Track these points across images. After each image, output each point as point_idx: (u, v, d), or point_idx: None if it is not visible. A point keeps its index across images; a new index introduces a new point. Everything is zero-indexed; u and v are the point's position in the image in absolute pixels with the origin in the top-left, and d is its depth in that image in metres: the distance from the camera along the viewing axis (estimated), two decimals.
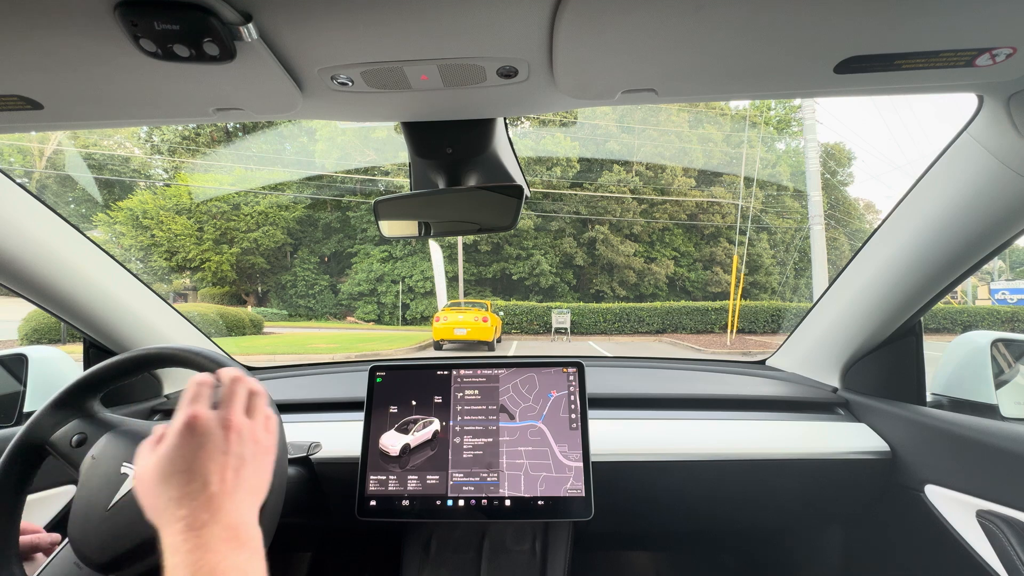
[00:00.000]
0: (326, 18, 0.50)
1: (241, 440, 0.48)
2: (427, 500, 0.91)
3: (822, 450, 1.01)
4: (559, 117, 19.60)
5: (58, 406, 0.66)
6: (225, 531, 0.41)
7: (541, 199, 20.55)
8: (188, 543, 0.40)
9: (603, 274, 20.94)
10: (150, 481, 0.45)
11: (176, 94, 0.63)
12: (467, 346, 11.37)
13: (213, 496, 0.43)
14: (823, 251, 10.37)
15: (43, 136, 15.85)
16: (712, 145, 22.09)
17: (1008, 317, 16.30)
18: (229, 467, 0.45)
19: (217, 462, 0.45)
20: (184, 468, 0.44)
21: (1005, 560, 0.77)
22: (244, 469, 0.47)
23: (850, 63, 0.56)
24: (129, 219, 17.16)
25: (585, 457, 0.92)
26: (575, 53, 0.56)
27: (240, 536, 0.42)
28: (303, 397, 1.20)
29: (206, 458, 0.45)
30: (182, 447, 0.45)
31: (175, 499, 0.43)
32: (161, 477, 0.44)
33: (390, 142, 19.95)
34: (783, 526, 1.29)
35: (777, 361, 1.41)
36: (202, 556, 0.39)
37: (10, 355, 1.04)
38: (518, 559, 0.99)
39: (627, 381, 1.27)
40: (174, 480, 0.44)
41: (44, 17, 0.48)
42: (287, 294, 20.24)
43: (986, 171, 0.75)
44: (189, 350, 0.66)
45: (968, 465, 0.86)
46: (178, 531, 0.41)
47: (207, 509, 0.42)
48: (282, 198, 20.11)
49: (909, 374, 1.05)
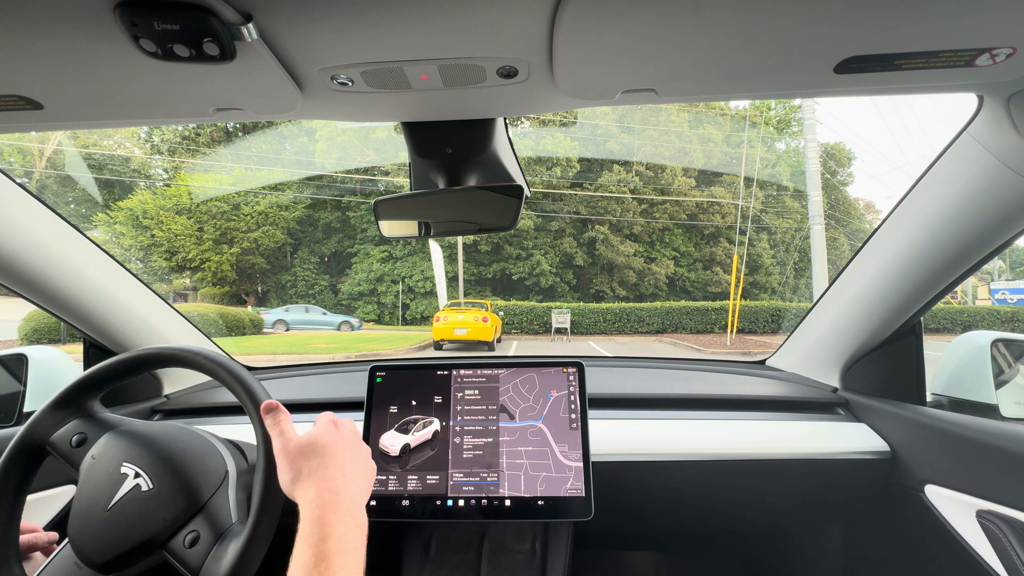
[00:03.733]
0: (326, 18, 0.50)
1: (362, 447, 0.62)
2: (427, 500, 0.91)
3: (822, 450, 1.01)
4: (559, 117, 19.59)
5: (58, 406, 0.66)
6: (351, 506, 0.51)
7: (541, 199, 20.54)
8: (324, 506, 0.49)
9: (603, 274, 20.93)
10: (296, 449, 0.55)
11: (176, 94, 0.63)
12: (467, 346, 11.36)
13: (347, 474, 0.54)
14: (823, 251, 10.37)
15: (43, 136, 15.84)
16: (712, 145, 22.08)
17: (1008, 317, 16.30)
18: (357, 461, 0.58)
19: (350, 452, 0.58)
20: (328, 449, 0.56)
21: (1005, 560, 0.77)
22: (362, 467, 0.59)
23: (850, 63, 0.56)
24: (129, 219, 17.16)
25: (585, 457, 0.92)
26: (575, 53, 0.56)
27: (357, 518, 0.51)
28: (303, 397, 1.20)
29: (344, 447, 0.57)
30: (328, 434, 0.58)
31: (319, 467, 0.53)
32: (310, 449, 0.55)
33: (390, 142, 19.95)
34: (783, 526, 1.29)
35: (777, 361, 1.41)
36: (334, 518, 0.48)
37: (10, 355, 1.04)
38: (518, 559, 0.99)
39: (627, 381, 1.27)
40: (319, 455, 0.55)
41: (44, 17, 0.48)
42: (287, 294, 20.23)
43: (986, 171, 0.75)
44: (189, 350, 0.66)
45: (968, 465, 0.86)
46: (316, 492, 0.50)
47: (341, 480, 0.53)
48: (282, 198, 20.10)
49: (909, 374, 1.05)
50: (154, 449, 0.63)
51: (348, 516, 0.50)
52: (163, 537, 0.57)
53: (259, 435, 0.60)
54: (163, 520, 0.58)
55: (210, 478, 0.63)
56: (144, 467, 0.61)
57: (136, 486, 0.59)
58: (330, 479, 0.52)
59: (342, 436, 0.59)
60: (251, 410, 0.61)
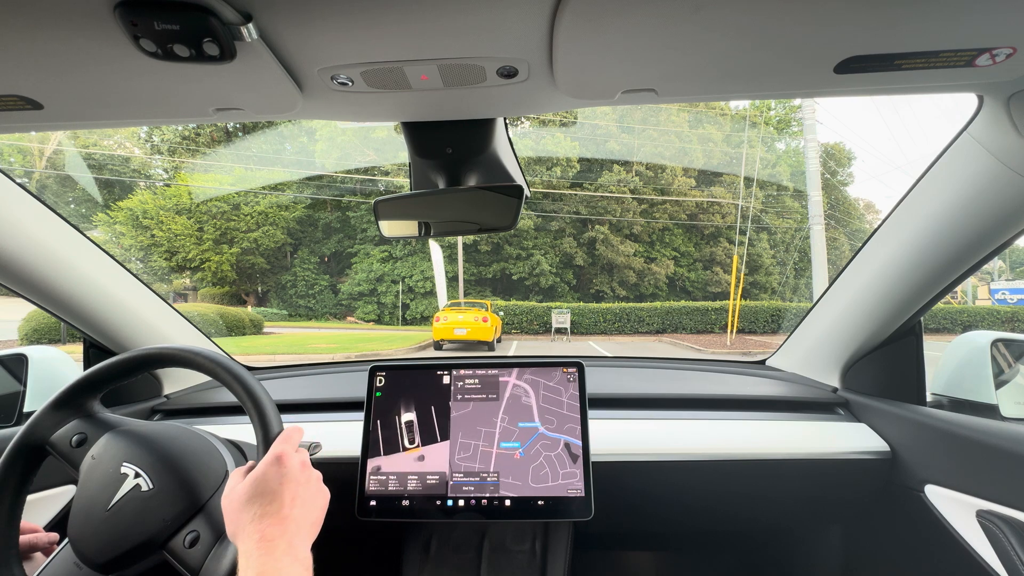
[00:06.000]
0: (326, 18, 0.50)
1: (309, 482, 0.59)
2: (427, 500, 0.91)
3: (822, 450, 1.01)
4: (559, 117, 19.59)
5: (58, 406, 0.66)
6: (288, 547, 0.51)
7: (541, 199, 20.54)
8: (260, 552, 0.49)
9: (603, 274, 20.94)
10: (238, 500, 0.55)
11: (176, 94, 0.63)
12: (467, 346, 11.36)
13: (285, 517, 0.53)
14: (823, 251, 10.37)
15: (43, 136, 15.84)
16: (712, 145, 22.08)
17: (1008, 317, 16.30)
18: (298, 498, 0.56)
19: (290, 492, 0.55)
20: (268, 491, 0.54)
21: (1005, 560, 0.77)
22: (306, 504, 0.57)
23: (850, 63, 0.56)
24: (129, 219, 17.16)
25: (585, 457, 0.92)
26: (575, 53, 0.56)
27: (298, 555, 0.51)
28: (303, 397, 1.20)
29: (285, 486, 0.55)
30: (270, 475, 0.56)
31: (257, 516, 0.52)
32: (249, 497, 0.54)
33: (390, 142, 19.94)
34: (783, 526, 1.29)
35: (777, 361, 1.41)
36: (269, 563, 0.48)
37: (10, 355, 1.04)
38: (518, 559, 0.99)
39: (627, 381, 1.27)
40: (259, 500, 0.54)
41: (44, 17, 0.48)
42: (287, 294, 20.24)
43: (986, 171, 0.75)
44: (189, 350, 0.66)
45: (968, 465, 0.86)
46: (254, 542, 0.50)
47: (279, 525, 0.52)
48: (282, 198, 20.10)
49: (909, 374, 1.05)
50: (154, 449, 0.63)
51: (285, 557, 0.49)
52: (163, 537, 0.58)
53: (259, 435, 0.60)
54: (163, 520, 0.58)
55: (210, 478, 0.63)
56: (144, 467, 0.61)
57: (136, 486, 0.60)
58: (267, 526, 0.51)
59: (285, 474, 0.56)
60: (251, 410, 0.61)
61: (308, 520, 0.56)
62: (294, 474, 0.57)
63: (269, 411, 0.62)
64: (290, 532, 0.52)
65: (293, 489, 0.56)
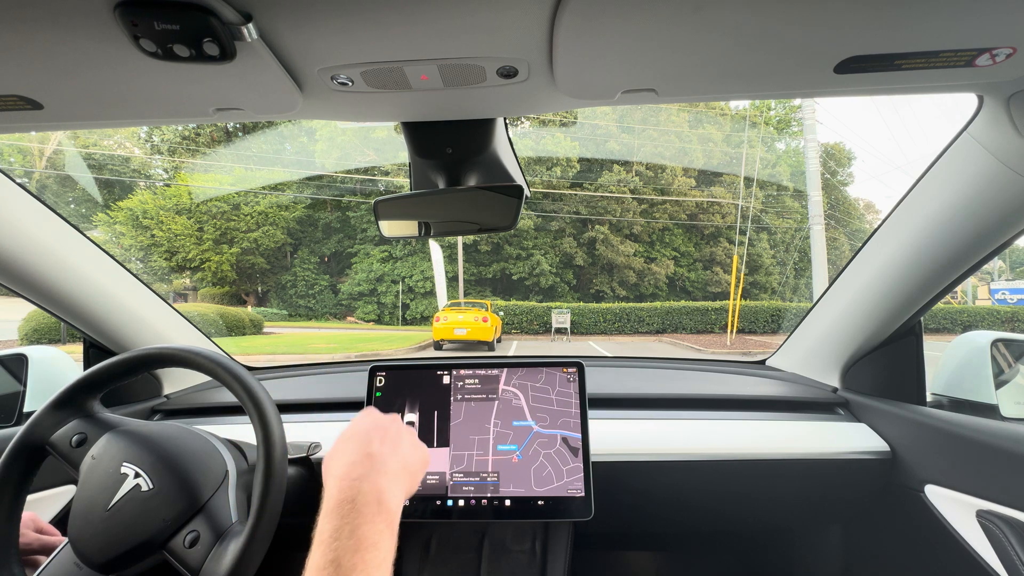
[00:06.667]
0: (326, 18, 0.50)
1: (400, 436, 0.60)
2: (427, 500, 0.91)
3: (822, 450, 1.01)
4: (559, 117, 19.60)
5: (58, 406, 0.66)
6: (373, 492, 0.49)
7: (541, 199, 20.55)
8: (342, 491, 0.48)
9: (603, 274, 20.94)
10: (335, 449, 0.56)
11: (176, 94, 0.63)
12: (467, 346, 11.36)
13: (372, 454, 0.53)
14: (823, 251, 10.37)
15: (43, 136, 15.85)
16: (712, 145, 22.09)
17: (1008, 317, 16.30)
18: (388, 440, 0.57)
19: (378, 435, 0.57)
20: (357, 435, 0.57)
21: (1005, 560, 0.77)
22: (396, 451, 0.57)
23: (850, 63, 0.56)
24: (129, 219, 17.17)
25: (585, 457, 0.92)
26: (575, 53, 0.56)
27: (383, 503, 0.49)
28: (303, 397, 1.20)
29: (373, 431, 0.58)
30: (360, 422, 0.60)
31: (347, 460, 0.53)
32: (342, 442, 0.57)
33: (390, 142, 19.95)
34: (783, 526, 1.29)
35: (777, 361, 1.41)
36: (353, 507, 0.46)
37: (10, 355, 1.04)
38: (518, 559, 0.99)
39: (627, 381, 1.27)
40: (350, 445, 0.55)
41: (44, 17, 0.48)
42: (287, 294, 20.24)
43: (986, 171, 0.75)
44: (189, 350, 0.66)
45: (968, 465, 0.86)
46: (337, 478, 0.50)
47: (365, 464, 0.52)
48: (282, 198, 20.11)
49: (909, 374, 1.05)
50: (154, 449, 0.63)
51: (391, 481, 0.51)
52: (163, 537, 0.57)
53: (259, 435, 0.60)
54: (163, 520, 0.58)
55: (210, 478, 0.63)
56: (144, 467, 0.61)
57: (136, 486, 0.59)
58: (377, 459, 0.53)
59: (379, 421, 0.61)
60: (251, 410, 0.61)
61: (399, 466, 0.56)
62: (383, 424, 0.61)
63: (269, 411, 0.61)
64: (377, 475, 0.52)
65: (380, 434, 0.58)
